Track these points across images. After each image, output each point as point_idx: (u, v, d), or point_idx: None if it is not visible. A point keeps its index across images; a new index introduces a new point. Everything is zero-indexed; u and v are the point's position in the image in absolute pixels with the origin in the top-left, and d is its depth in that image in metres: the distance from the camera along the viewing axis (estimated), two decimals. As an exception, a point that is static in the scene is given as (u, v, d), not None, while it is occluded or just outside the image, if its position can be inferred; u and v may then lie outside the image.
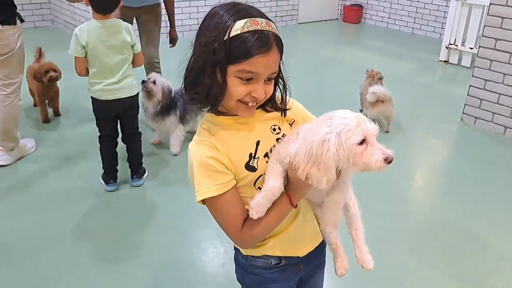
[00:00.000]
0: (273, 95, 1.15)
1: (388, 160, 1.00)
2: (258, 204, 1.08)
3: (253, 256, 1.27)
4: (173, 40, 4.05)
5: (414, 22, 7.96)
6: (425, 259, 2.53)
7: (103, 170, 3.05)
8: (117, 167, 3.07)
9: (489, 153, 3.81)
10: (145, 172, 3.19)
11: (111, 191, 3.02)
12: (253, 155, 1.13)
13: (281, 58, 1.08)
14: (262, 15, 1.06)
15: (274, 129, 1.18)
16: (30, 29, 6.96)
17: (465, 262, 2.53)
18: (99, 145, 2.99)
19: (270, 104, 1.17)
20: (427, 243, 2.68)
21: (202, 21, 1.08)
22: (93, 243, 2.59)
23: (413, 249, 2.62)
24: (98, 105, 2.86)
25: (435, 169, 3.68)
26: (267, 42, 1.01)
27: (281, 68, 1.13)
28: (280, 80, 1.15)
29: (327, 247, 1.35)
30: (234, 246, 1.31)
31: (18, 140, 3.32)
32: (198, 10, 7.07)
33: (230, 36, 1.00)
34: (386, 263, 2.47)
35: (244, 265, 1.31)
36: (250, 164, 1.12)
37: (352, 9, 8.63)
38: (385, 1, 8.31)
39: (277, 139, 1.16)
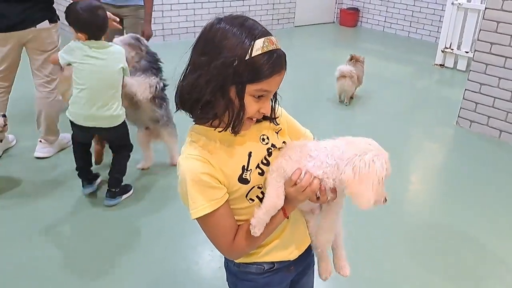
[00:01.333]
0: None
1: None
2: (259, 221, 1.10)
3: (246, 263, 1.27)
4: (144, 36, 3.74)
5: (410, 26, 7.99)
6: (423, 262, 2.54)
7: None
8: (91, 169, 2.99)
9: (485, 156, 3.83)
10: (125, 192, 2.97)
11: (86, 194, 2.96)
12: (245, 168, 1.13)
13: None
14: (267, 30, 1.06)
15: (264, 139, 1.18)
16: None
17: (464, 264, 2.53)
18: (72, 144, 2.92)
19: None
20: (425, 246, 2.69)
21: (209, 38, 1.03)
22: (88, 247, 2.58)
23: (411, 252, 2.62)
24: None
25: (432, 172, 3.69)
26: (282, 61, 1.04)
27: None
28: None
29: None
30: None
31: (59, 133, 3.48)
32: (195, 12, 7.08)
33: (252, 56, 1.00)
34: (384, 266, 2.47)
35: (236, 273, 1.31)
36: (243, 176, 1.12)
37: (349, 12, 8.65)
38: (381, 5, 8.34)
39: (268, 149, 1.17)
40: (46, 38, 3.15)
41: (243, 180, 1.12)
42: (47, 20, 3.11)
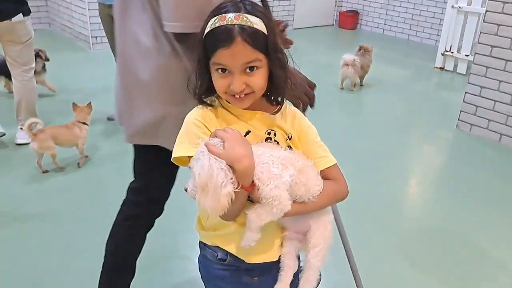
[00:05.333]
0: (272, 87, 1.16)
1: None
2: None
3: (204, 245, 1.28)
4: None
5: (410, 29, 8.00)
6: (421, 265, 2.53)
7: None
8: None
9: (484, 160, 3.82)
10: None
11: None
12: None
13: (258, 49, 1.07)
14: (239, 9, 1.07)
15: (269, 133, 1.18)
16: (26, 32, 6.92)
17: (462, 268, 2.52)
18: None
19: (271, 96, 1.18)
20: (423, 249, 2.68)
21: None
22: (70, 249, 2.54)
23: (409, 255, 2.61)
24: None
25: (431, 175, 3.68)
26: (228, 35, 1.05)
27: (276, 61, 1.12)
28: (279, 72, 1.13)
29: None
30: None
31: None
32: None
33: (205, 33, 1.09)
34: (380, 270, 2.46)
35: (200, 260, 1.33)
36: None
37: (348, 15, 8.66)
38: (381, 8, 8.35)
39: (267, 139, 1.17)
40: (21, 30, 3.30)
41: None
42: (21, 14, 3.24)
